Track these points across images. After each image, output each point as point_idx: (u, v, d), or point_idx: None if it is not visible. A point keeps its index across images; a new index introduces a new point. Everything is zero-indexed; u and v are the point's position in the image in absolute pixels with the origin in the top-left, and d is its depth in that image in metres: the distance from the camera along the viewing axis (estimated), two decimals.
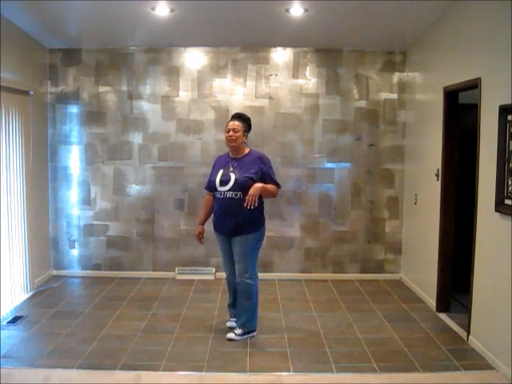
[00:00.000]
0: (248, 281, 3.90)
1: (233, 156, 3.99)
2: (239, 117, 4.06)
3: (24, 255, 4.90)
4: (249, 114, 4.19)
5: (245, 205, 3.73)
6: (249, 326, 3.99)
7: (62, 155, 5.64)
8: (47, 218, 5.64)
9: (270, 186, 3.89)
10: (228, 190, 3.84)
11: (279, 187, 4.00)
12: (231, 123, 3.97)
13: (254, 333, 4.01)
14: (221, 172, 3.93)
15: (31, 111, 5.06)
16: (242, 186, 3.80)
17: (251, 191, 3.74)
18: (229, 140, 3.94)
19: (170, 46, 5.53)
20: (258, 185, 3.79)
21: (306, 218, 5.69)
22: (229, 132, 3.93)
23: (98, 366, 3.47)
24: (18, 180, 4.77)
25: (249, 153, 4.00)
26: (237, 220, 3.83)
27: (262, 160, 3.95)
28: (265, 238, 4.08)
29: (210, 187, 4.02)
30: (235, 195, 3.82)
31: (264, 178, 3.88)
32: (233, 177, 3.85)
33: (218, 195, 3.92)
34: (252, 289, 3.93)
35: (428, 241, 4.82)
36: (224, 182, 3.87)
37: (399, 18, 4.65)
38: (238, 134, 3.91)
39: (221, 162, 4.05)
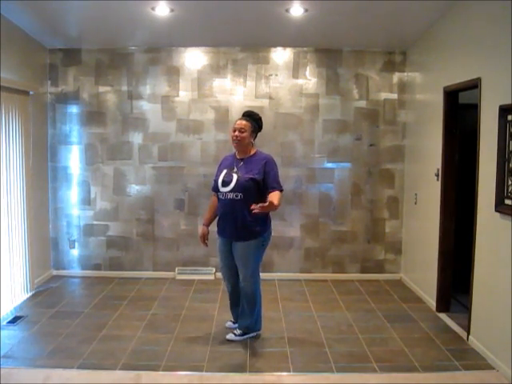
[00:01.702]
0: (251, 286, 3.84)
1: (239, 156, 3.87)
2: (249, 115, 3.90)
3: (24, 255, 4.90)
4: None
5: (252, 207, 3.43)
6: (253, 329, 3.97)
7: (62, 155, 5.64)
8: (47, 217, 5.64)
9: (277, 197, 3.59)
10: (229, 191, 3.72)
11: (281, 191, 3.76)
12: (238, 122, 3.82)
13: (254, 333, 3.99)
14: (224, 172, 3.82)
15: (31, 111, 5.06)
16: (244, 188, 3.68)
17: (272, 202, 3.47)
18: (233, 140, 3.82)
19: (170, 46, 5.53)
20: (275, 200, 3.52)
21: (305, 218, 5.69)
22: (235, 131, 3.79)
23: (98, 366, 3.47)
24: (18, 180, 4.77)
25: (255, 154, 3.86)
26: (237, 223, 3.71)
27: (268, 162, 3.77)
28: (270, 241, 3.95)
29: (215, 188, 3.91)
30: (236, 196, 3.70)
31: (266, 180, 3.71)
32: (235, 177, 3.74)
33: (220, 196, 3.81)
34: (256, 293, 3.89)
35: (428, 241, 4.82)
36: (226, 183, 3.76)
37: (399, 18, 4.65)
38: (244, 134, 3.77)
39: (226, 162, 3.93)
